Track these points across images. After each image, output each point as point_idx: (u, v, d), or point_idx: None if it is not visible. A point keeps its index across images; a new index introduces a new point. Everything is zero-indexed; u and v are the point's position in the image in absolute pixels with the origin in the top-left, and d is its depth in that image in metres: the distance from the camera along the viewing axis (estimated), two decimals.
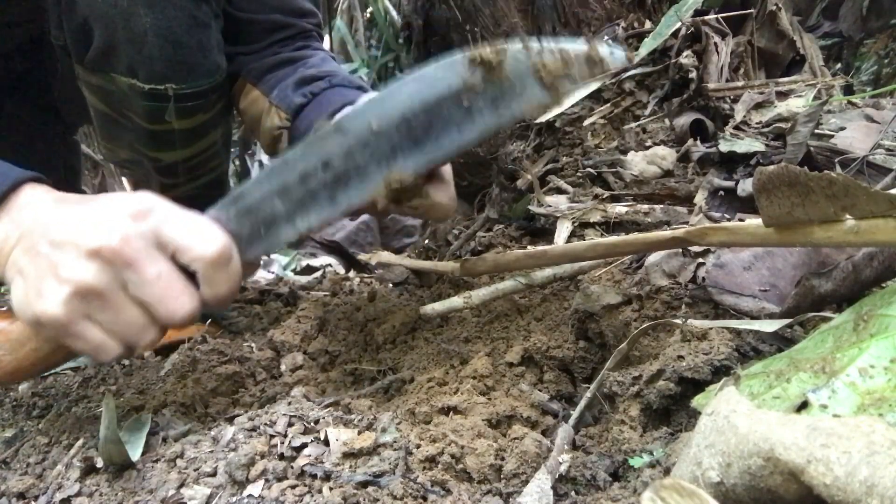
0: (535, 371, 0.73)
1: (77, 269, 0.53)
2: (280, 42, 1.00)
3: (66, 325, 0.54)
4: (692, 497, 0.32)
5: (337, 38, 3.85)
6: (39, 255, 0.54)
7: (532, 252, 0.78)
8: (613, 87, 1.26)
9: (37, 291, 0.54)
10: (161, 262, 0.55)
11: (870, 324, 0.46)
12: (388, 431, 0.60)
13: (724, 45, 1.26)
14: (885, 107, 1.17)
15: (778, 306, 0.66)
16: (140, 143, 0.95)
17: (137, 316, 0.56)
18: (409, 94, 0.59)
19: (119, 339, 0.56)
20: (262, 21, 0.99)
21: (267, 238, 0.62)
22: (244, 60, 0.99)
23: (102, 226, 0.54)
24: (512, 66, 0.56)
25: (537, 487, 0.50)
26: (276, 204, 0.61)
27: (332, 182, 0.61)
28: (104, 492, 0.55)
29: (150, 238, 0.55)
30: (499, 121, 0.58)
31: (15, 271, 0.56)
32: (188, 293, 0.56)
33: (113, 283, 0.54)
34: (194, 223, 0.57)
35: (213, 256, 0.56)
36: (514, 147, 1.27)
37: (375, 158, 0.60)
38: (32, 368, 0.61)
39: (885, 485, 0.29)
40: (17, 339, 0.60)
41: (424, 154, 0.60)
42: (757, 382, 0.48)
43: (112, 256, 0.53)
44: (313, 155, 0.61)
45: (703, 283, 0.74)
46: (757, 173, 0.53)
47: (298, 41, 1.01)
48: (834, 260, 0.65)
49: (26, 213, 0.57)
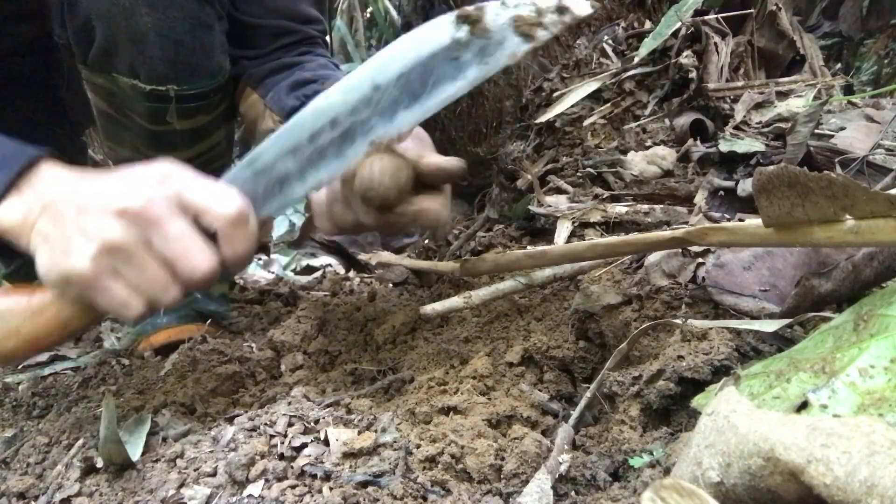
0: (535, 371, 0.73)
1: (104, 228, 0.56)
2: (284, 48, 1.00)
3: (93, 280, 0.57)
4: (692, 497, 0.32)
5: (337, 38, 3.85)
6: (66, 220, 0.58)
7: (532, 252, 0.78)
8: (613, 87, 1.26)
9: (64, 251, 0.57)
10: (182, 222, 0.58)
11: (870, 324, 0.46)
12: (388, 431, 0.60)
13: (724, 45, 1.26)
14: (885, 107, 1.17)
15: (778, 306, 0.66)
16: (141, 143, 0.95)
17: (161, 273, 0.58)
18: (404, 52, 0.63)
19: (143, 295, 0.59)
20: (268, 26, 0.99)
21: (281, 195, 0.66)
22: (247, 65, 0.99)
23: (127, 189, 0.58)
24: (492, 19, 0.61)
25: (537, 487, 0.50)
26: (288, 163, 0.65)
27: (339, 138, 0.65)
28: (104, 492, 0.55)
29: (172, 200, 0.58)
30: (485, 71, 0.63)
31: (41, 240, 0.59)
32: (208, 251, 0.59)
33: (138, 240, 0.57)
34: (213, 186, 0.61)
35: (231, 216, 0.59)
36: (514, 147, 1.27)
37: (378, 112, 0.64)
38: (49, 338, 0.63)
39: (885, 485, 0.29)
40: (37, 307, 0.62)
41: (422, 106, 0.64)
42: (757, 382, 0.48)
43: (137, 216, 0.57)
44: (321, 114, 0.64)
45: (703, 283, 0.74)
46: (756, 173, 0.53)
47: (302, 47, 1.02)
48: (834, 260, 0.64)
49: (48, 186, 0.60)
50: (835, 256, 0.66)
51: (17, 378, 0.94)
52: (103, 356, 1.01)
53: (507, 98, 1.28)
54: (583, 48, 1.34)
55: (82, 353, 1.05)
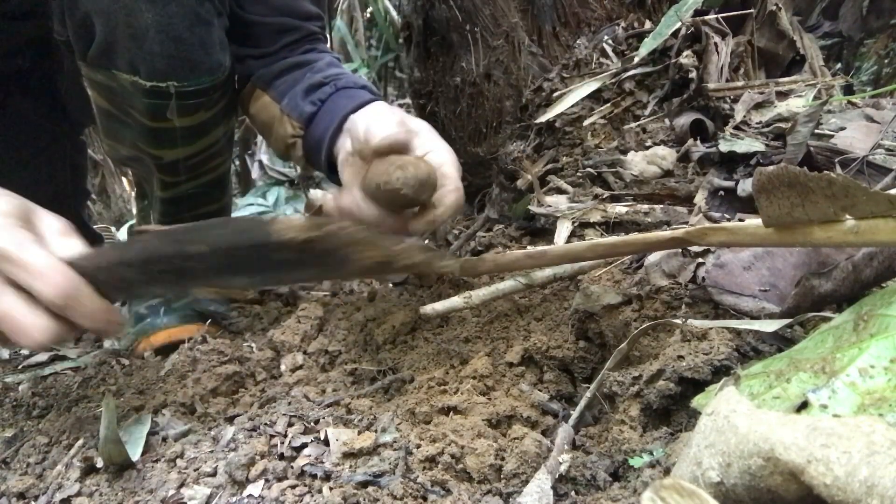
0: (535, 371, 0.73)
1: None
2: (289, 46, 1.00)
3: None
4: (692, 497, 0.32)
5: (337, 38, 3.85)
6: None
7: (531, 252, 0.78)
8: (613, 87, 1.26)
9: None
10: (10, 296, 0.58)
11: (870, 324, 0.46)
12: (388, 431, 0.60)
13: (724, 45, 1.26)
14: (885, 107, 1.17)
15: (778, 306, 0.66)
16: (141, 140, 0.95)
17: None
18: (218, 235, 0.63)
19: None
20: (272, 24, 0.99)
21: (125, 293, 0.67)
22: (253, 64, 1.00)
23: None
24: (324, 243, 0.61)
25: (537, 487, 0.50)
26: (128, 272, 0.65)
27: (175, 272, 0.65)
28: (104, 492, 0.55)
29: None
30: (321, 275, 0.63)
31: None
32: (41, 325, 0.59)
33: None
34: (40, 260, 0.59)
35: (53, 296, 0.58)
36: (514, 147, 1.27)
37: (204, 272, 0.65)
38: None
39: (885, 485, 0.29)
40: None
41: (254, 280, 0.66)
42: (757, 382, 0.48)
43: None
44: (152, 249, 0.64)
45: (702, 283, 0.74)
46: (756, 174, 0.53)
47: (305, 44, 1.02)
48: (834, 260, 0.64)
49: None
50: (835, 256, 0.66)
51: (17, 378, 0.94)
52: (103, 356, 1.01)
53: (507, 98, 1.28)
54: (583, 48, 1.34)
55: (82, 353, 1.05)
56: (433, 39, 1.25)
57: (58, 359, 1.03)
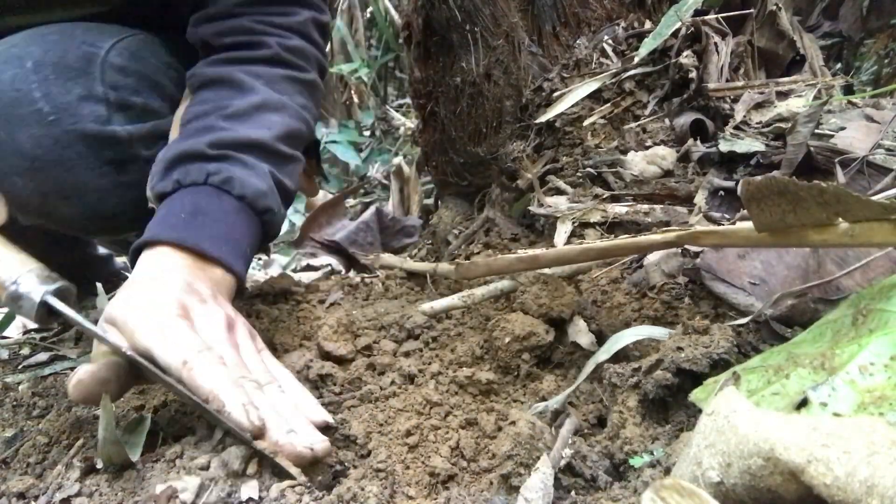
0: (534, 371, 0.73)
1: None
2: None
3: None
4: (692, 497, 0.32)
5: (337, 37, 3.85)
6: None
7: (524, 256, 0.77)
8: (613, 87, 1.26)
9: None
10: None
11: (869, 318, 0.46)
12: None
13: (724, 45, 1.26)
14: (885, 107, 1.17)
15: (765, 302, 0.66)
16: None
17: None
18: None
19: None
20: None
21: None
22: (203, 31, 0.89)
23: None
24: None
25: (540, 482, 0.50)
26: None
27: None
28: (104, 492, 0.55)
29: None
30: None
31: None
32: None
33: None
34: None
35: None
36: (514, 147, 1.26)
37: None
38: None
39: (885, 485, 0.29)
40: None
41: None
42: (755, 377, 0.48)
43: None
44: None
45: (696, 266, 0.74)
46: (743, 184, 0.53)
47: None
48: (829, 266, 0.65)
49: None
50: (829, 266, 0.66)
51: (17, 378, 0.94)
52: None
53: (507, 98, 1.27)
54: (583, 48, 1.34)
55: (82, 354, 1.05)
56: (433, 39, 1.25)
57: (58, 359, 1.03)
